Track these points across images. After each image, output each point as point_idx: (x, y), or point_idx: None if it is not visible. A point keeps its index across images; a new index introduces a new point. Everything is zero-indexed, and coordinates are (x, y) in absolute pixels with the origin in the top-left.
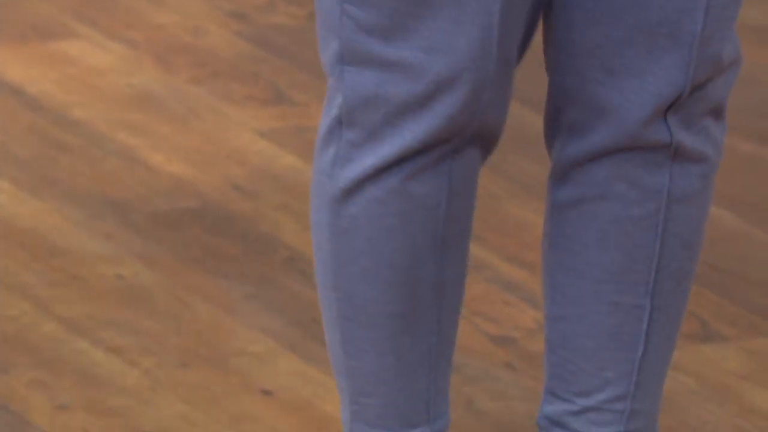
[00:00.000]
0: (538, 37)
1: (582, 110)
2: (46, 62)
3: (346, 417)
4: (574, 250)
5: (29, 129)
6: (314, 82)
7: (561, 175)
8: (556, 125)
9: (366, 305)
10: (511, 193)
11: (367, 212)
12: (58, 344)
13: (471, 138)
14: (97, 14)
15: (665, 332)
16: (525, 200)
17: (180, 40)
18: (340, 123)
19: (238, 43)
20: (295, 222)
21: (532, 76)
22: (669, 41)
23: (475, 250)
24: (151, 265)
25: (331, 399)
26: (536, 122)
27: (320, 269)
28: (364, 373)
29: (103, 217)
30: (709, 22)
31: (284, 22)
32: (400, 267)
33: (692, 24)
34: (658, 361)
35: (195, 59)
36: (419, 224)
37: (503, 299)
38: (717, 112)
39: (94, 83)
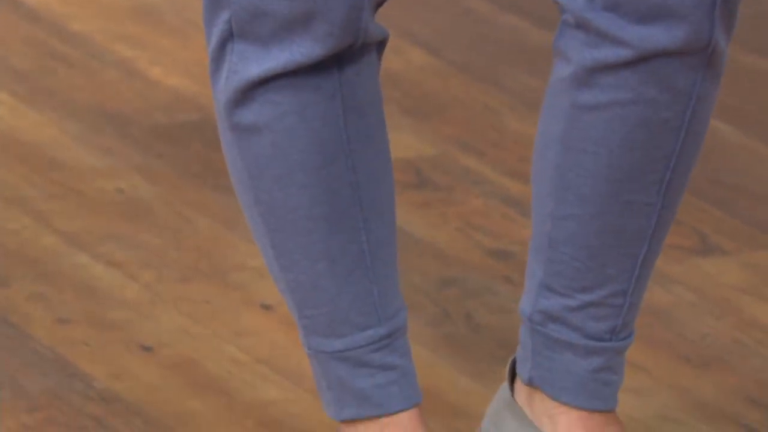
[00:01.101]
0: None
1: (627, 11)
2: None
3: (302, 335)
4: (597, 153)
5: (27, 40)
6: None
7: (585, 78)
8: (583, 25)
9: (287, 213)
10: (510, 106)
11: (265, 116)
12: (58, 258)
13: (360, 46)
14: None
15: (667, 228)
16: (523, 114)
17: None
18: (231, 35)
19: None
20: None
21: None
22: None
23: (473, 163)
24: (151, 178)
25: None
26: (534, 35)
27: (238, 189)
28: (303, 284)
29: (102, 130)
30: None
31: None
32: (311, 167)
33: None
34: (656, 255)
35: None
36: (319, 119)
37: (502, 213)
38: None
39: None
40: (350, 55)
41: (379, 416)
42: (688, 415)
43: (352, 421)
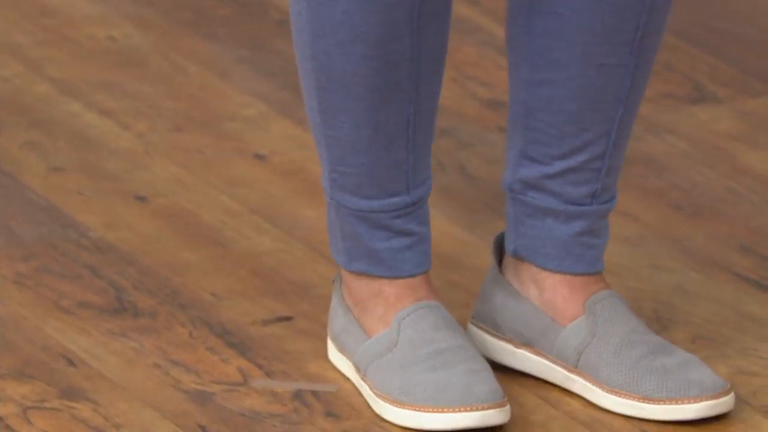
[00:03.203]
0: None
1: None
2: None
3: (327, 185)
4: (564, 16)
5: None
6: None
7: None
8: None
9: (342, 77)
10: None
11: None
12: (51, 105)
13: None
14: None
15: (642, 89)
16: None
17: None
18: None
19: None
20: None
21: None
22: None
23: (468, 12)
24: (143, 26)
25: None
26: None
27: (297, 38)
28: (342, 143)
29: None
30: None
31: None
32: (376, 40)
33: None
34: (632, 117)
35: None
36: None
37: (496, 63)
38: None
39: None
40: None
41: (387, 277)
42: (679, 264)
43: (359, 273)
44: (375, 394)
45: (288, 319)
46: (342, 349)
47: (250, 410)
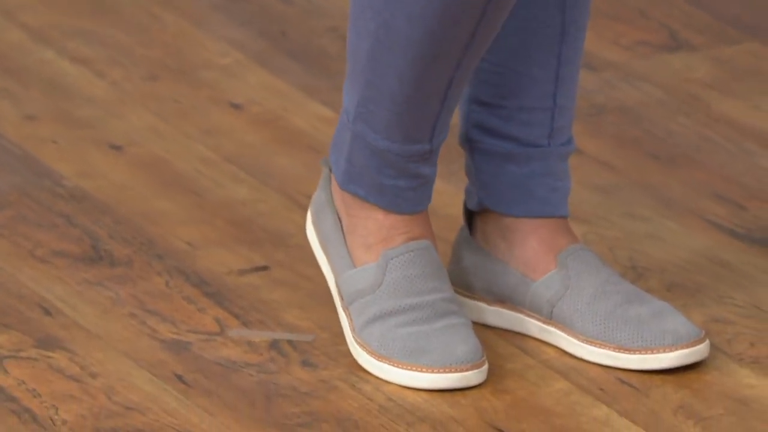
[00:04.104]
0: None
1: None
2: None
3: (351, 111)
4: None
5: None
6: None
7: None
8: None
9: (401, 39)
10: None
11: None
12: (24, 54)
13: None
14: None
15: (581, 22)
16: None
17: None
18: None
19: None
20: None
21: None
22: None
23: None
24: None
25: (301, 113)
26: None
27: None
28: (380, 89)
29: None
30: None
31: None
32: (444, 19)
33: None
34: (576, 53)
35: None
36: None
37: None
38: None
39: None
40: None
41: (383, 208)
42: (654, 212)
43: (353, 194)
44: (354, 339)
45: (264, 268)
46: (325, 249)
47: (227, 359)
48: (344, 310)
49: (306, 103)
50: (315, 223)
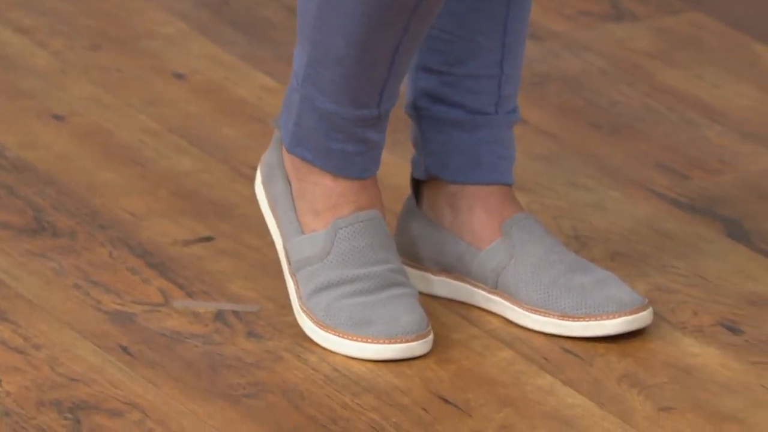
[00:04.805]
0: None
1: None
2: None
3: (300, 74)
4: None
5: None
6: None
7: None
8: None
9: (347, 0)
10: None
11: None
12: None
13: None
14: None
15: None
16: None
17: None
18: None
19: None
20: None
21: None
22: None
23: None
24: None
25: (244, 83)
26: None
27: None
28: (327, 50)
29: None
30: None
31: None
32: None
33: None
34: (522, 21)
35: None
36: None
37: None
38: None
39: None
40: None
41: (331, 172)
42: (597, 182)
43: (301, 158)
44: (301, 307)
45: (209, 239)
46: (274, 211)
47: (172, 330)
48: (291, 276)
49: (250, 74)
50: (265, 184)
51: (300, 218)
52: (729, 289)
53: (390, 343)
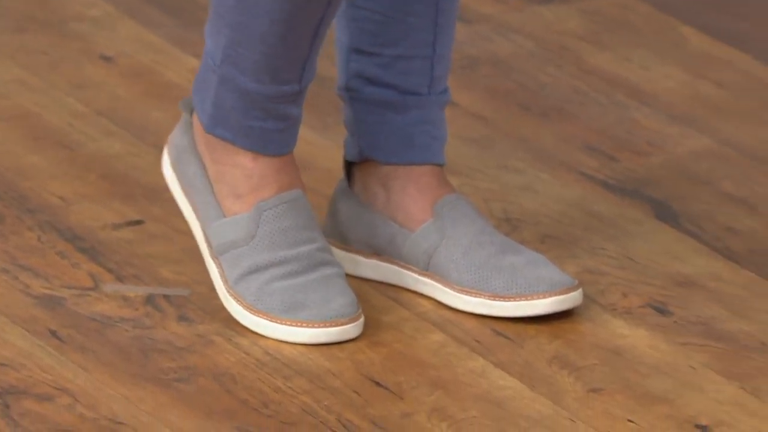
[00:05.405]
0: None
1: None
2: None
3: (218, 56)
4: None
5: None
6: None
7: None
8: None
9: None
10: None
11: None
12: None
13: None
14: None
15: None
16: None
17: None
18: None
19: None
20: None
21: None
22: None
23: None
24: None
25: (173, 66)
26: None
27: None
28: (250, 30)
29: None
30: None
31: None
32: None
33: None
34: (453, 1)
35: None
36: None
37: None
38: None
39: None
40: None
41: (251, 150)
42: (527, 165)
43: (220, 138)
44: (228, 291)
45: (138, 222)
46: (189, 195)
47: (102, 315)
48: (213, 259)
49: (178, 56)
50: (175, 167)
51: (220, 201)
52: (657, 270)
53: (323, 327)
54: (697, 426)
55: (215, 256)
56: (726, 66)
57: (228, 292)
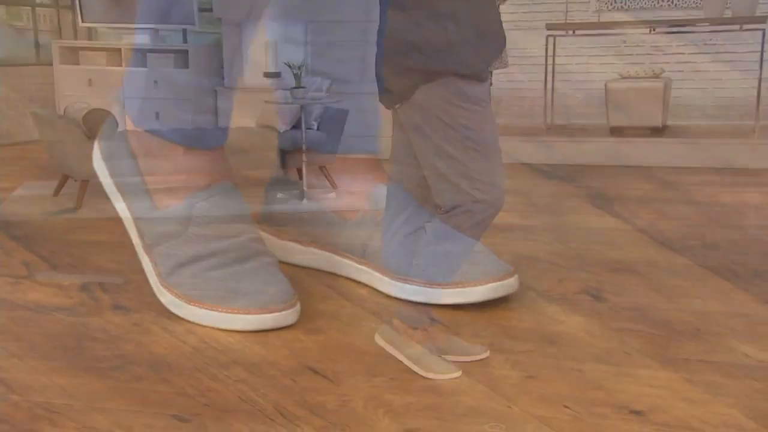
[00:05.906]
0: None
1: None
2: None
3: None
4: None
5: None
6: None
7: None
8: None
9: None
10: None
11: None
12: None
13: None
14: None
15: None
16: None
17: None
18: None
19: None
20: None
21: None
22: None
23: None
24: None
25: None
26: None
27: None
28: None
29: None
30: None
31: None
32: None
33: None
34: None
35: None
36: None
37: None
38: None
39: None
40: None
41: (182, 144)
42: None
43: (150, 131)
44: (161, 283)
45: (73, 211)
46: (120, 188)
47: (36, 303)
48: (146, 253)
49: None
50: (107, 160)
51: (152, 194)
52: (592, 257)
53: (258, 313)
54: (632, 411)
55: (149, 250)
56: None
57: (161, 284)
